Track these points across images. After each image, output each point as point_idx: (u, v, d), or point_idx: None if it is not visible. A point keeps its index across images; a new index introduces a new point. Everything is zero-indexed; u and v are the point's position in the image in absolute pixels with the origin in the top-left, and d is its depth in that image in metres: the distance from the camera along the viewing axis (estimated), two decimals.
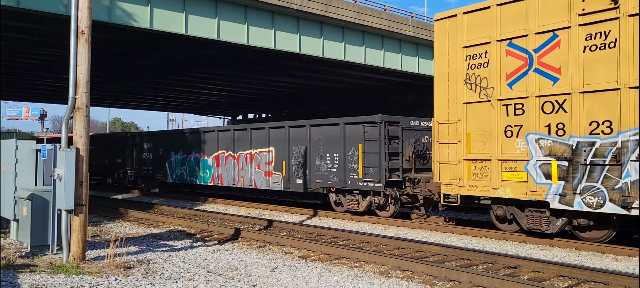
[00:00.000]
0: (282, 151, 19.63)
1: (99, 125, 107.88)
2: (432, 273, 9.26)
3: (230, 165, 22.01)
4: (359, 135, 17.13)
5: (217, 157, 22.70)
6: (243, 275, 9.32)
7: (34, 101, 62.12)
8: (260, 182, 20.60)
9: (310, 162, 18.60)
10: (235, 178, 21.70)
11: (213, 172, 22.88)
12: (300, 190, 19.03)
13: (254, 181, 20.89)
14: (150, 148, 27.33)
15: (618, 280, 8.62)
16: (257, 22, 23.34)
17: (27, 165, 11.42)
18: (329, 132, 18.17)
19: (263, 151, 20.55)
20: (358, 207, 17.22)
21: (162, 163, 26.32)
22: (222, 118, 61.80)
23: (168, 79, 35.30)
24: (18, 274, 8.67)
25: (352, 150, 17.30)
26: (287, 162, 19.39)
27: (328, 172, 18.04)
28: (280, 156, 19.71)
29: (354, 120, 17.56)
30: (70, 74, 9.48)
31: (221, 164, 22.47)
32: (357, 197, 17.28)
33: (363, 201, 17.12)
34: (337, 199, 18.11)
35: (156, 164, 26.79)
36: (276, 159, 19.92)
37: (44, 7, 18.04)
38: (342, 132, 17.62)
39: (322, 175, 18.23)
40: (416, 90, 39.59)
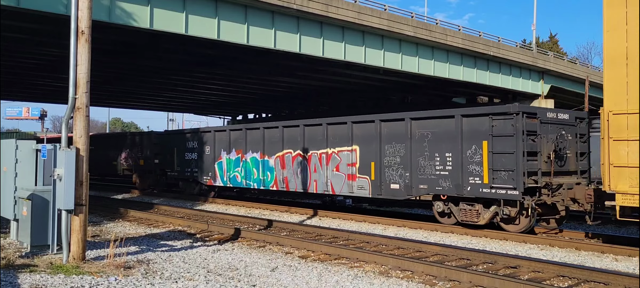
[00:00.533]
0: (370, 150, 16.67)
1: (99, 125, 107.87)
2: (432, 273, 9.26)
3: (298, 167, 19.02)
4: (482, 130, 14.06)
5: (282, 157, 19.65)
6: (243, 275, 9.32)
7: (34, 101, 62.17)
8: (339, 187, 17.69)
9: (411, 164, 15.57)
10: (306, 182, 18.71)
11: (276, 174, 19.83)
12: (396, 196, 16.10)
13: (330, 185, 17.95)
14: (194, 148, 24.24)
15: (618, 280, 8.61)
16: (257, 22, 23.32)
17: (27, 165, 11.41)
18: (437, 126, 15.14)
19: (344, 150, 17.54)
20: (477, 219, 14.21)
21: (210, 164, 23.24)
22: (222, 118, 61.79)
23: (168, 79, 35.29)
24: (18, 274, 8.67)
25: (472, 148, 14.24)
26: (378, 163, 16.40)
27: (437, 175, 14.98)
28: (368, 156, 16.76)
29: (476, 111, 14.76)
30: (70, 73, 9.48)
31: (287, 166, 19.45)
32: (477, 206, 14.25)
33: (485, 212, 14.10)
34: (445, 209, 15.09)
35: (203, 165, 23.82)
36: (362, 160, 16.96)
37: (44, 7, 18.03)
38: (457, 126, 14.52)
39: (428, 180, 15.20)
40: (416, 90, 39.61)
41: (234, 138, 22.03)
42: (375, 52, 27.99)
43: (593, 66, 51.11)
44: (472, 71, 33.24)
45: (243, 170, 21.42)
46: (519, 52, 35.79)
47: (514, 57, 34.86)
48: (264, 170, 20.44)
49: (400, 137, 15.97)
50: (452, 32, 30.63)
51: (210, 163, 23.23)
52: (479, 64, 33.66)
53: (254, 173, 20.90)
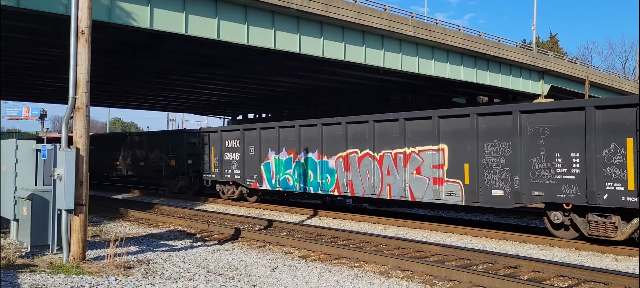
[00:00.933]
0: (463, 149, 14.20)
1: (99, 125, 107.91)
2: (432, 273, 9.26)
3: (367, 168, 16.56)
4: (626, 125, 11.52)
5: (345, 157, 17.21)
6: (243, 275, 9.32)
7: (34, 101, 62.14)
8: (420, 192, 15.17)
9: (521, 165, 13.06)
10: (376, 186, 16.25)
11: (338, 177, 17.48)
12: (500, 205, 13.49)
13: (409, 190, 15.42)
14: (236, 147, 21.78)
15: (618, 280, 8.62)
16: (257, 22, 23.33)
17: (27, 165, 11.41)
18: (558, 120, 12.57)
19: (427, 149, 15.05)
20: (614, 234, 11.79)
21: (255, 165, 20.75)
22: (222, 118, 61.86)
23: (168, 79, 35.32)
24: (18, 274, 8.67)
25: (611, 147, 11.69)
26: (474, 164, 13.95)
27: (558, 180, 12.44)
28: (459, 156, 14.28)
29: (616, 102, 12.02)
30: (70, 73, 9.48)
31: (351, 167, 17.05)
32: (613, 218, 11.80)
33: (625, 226, 11.74)
34: (565, 220, 12.67)
35: (246, 167, 21.22)
36: (452, 161, 14.47)
37: (44, 7, 18.04)
38: (590, 119, 11.95)
39: (545, 185, 12.65)
40: (416, 90, 39.64)
41: (284, 136, 19.56)
42: (376, 52, 28.00)
43: (593, 66, 51.11)
44: (472, 71, 33.25)
45: (296, 172, 18.97)
46: (519, 52, 35.80)
47: (514, 57, 34.88)
48: (322, 173, 18.00)
49: (504, 134, 13.41)
50: (452, 32, 30.64)
51: (255, 164, 20.79)
52: (479, 64, 33.67)
53: (309, 175, 18.47)
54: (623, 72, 74.71)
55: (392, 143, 15.97)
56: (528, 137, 13.03)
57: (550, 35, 69.72)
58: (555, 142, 12.56)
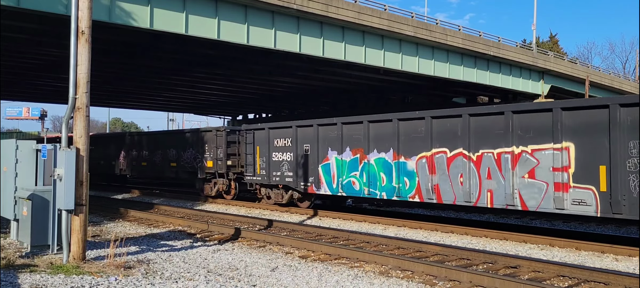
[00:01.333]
0: (597, 149, 11.69)
1: (99, 125, 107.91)
2: (432, 273, 9.26)
3: (459, 170, 14.05)
4: None
5: (430, 158, 14.73)
6: (243, 275, 9.32)
7: (34, 101, 62.19)
8: (536, 200, 12.69)
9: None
10: (472, 192, 13.80)
11: (420, 181, 15.03)
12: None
13: (519, 197, 12.99)
14: (287, 146, 19.26)
15: (618, 280, 8.61)
16: (257, 22, 23.34)
17: (28, 165, 11.41)
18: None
19: (545, 149, 12.59)
20: None
21: (312, 166, 18.35)
22: (222, 118, 61.88)
23: (168, 79, 35.33)
24: (18, 274, 8.67)
25: None
26: (613, 166, 11.39)
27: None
28: (591, 157, 11.80)
29: None
30: (71, 73, 9.48)
31: (438, 169, 14.57)
32: None
33: None
34: None
35: (301, 168, 18.84)
36: (580, 162, 11.99)
37: (44, 7, 18.04)
38: None
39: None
40: (416, 90, 39.65)
41: (348, 133, 17.20)
42: (376, 52, 28.00)
43: (593, 66, 51.12)
44: (472, 71, 33.25)
45: (364, 175, 16.49)
46: (519, 52, 35.80)
47: (514, 57, 34.89)
48: (399, 176, 15.55)
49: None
50: (452, 32, 30.64)
51: (312, 165, 18.35)
52: (479, 64, 33.67)
53: (381, 179, 16.03)
54: (623, 72, 74.77)
55: (494, 141, 13.51)
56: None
57: (551, 35, 69.75)
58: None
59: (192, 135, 25.66)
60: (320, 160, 18.11)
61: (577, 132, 12.12)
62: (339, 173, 17.44)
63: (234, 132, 23.59)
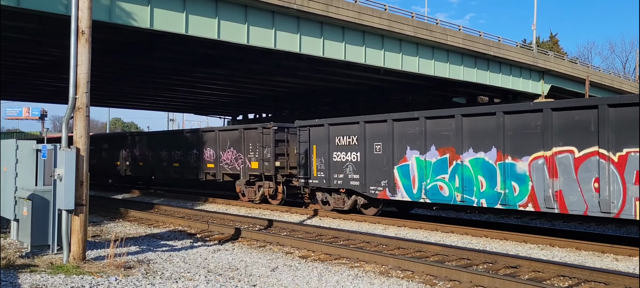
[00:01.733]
0: None
1: (99, 126, 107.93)
2: (433, 273, 9.25)
3: (592, 175, 11.78)
4: None
5: (550, 158, 12.46)
6: (243, 275, 9.32)
7: (34, 101, 62.20)
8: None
9: None
10: (614, 201, 11.49)
11: (533, 186, 12.79)
12: None
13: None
14: (352, 145, 16.94)
15: (618, 280, 8.61)
16: (257, 22, 23.33)
17: (28, 165, 11.41)
18: None
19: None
20: None
21: (386, 168, 16.05)
22: (222, 118, 61.89)
23: (168, 79, 35.33)
24: (18, 274, 8.67)
25: None
26: None
27: None
28: None
29: None
30: (71, 74, 9.48)
31: (562, 173, 12.29)
32: None
33: None
34: None
35: (370, 170, 16.49)
36: None
37: (44, 7, 18.04)
38: None
39: None
40: (416, 90, 39.66)
41: (433, 130, 14.88)
42: (376, 52, 28.00)
43: (593, 66, 51.12)
44: (473, 71, 33.26)
45: (456, 179, 14.24)
46: (519, 52, 35.81)
47: (514, 57, 34.89)
48: (505, 180, 13.30)
49: None
50: (453, 32, 30.65)
51: (385, 167, 16.07)
52: (479, 64, 33.67)
53: (480, 183, 13.77)
54: (623, 72, 74.77)
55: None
56: None
57: (551, 35, 69.75)
58: None
59: (233, 133, 22.98)
60: (395, 161, 15.78)
61: None
62: (421, 177, 15.11)
63: (283, 129, 21.04)
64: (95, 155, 31.14)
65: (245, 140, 21.94)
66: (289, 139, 20.75)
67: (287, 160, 20.62)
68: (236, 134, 22.63)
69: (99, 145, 32.12)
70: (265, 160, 20.84)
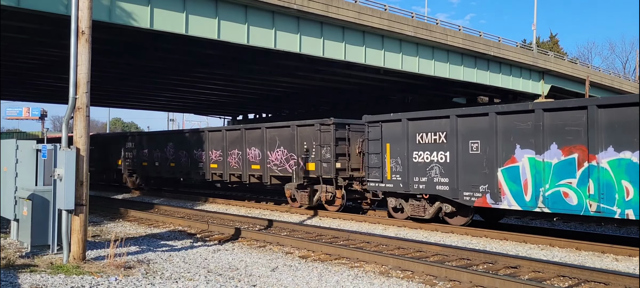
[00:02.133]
0: None
1: (99, 126, 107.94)
2: (433, 273, 9.26)
3: None
4: None
5: None
6: (243, 275, 9.32)
7: (34, 101, 62.22)
8: None
9: None
10: None
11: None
12: None
13: None
14: (439, 143, 14.62)
15: (618, 280, 8.61)
16: (257, 22, 23.33)
17: (28, 165, 11.41)
18: None
19: None
20: None
21: (486, 170, 13.62)
22: (222, 118, 61.90)
23: (168, 79, 35.33)
24: (18, 274, 8.67)
25: None
26: None
27: None
28: None
29: None
30: (71, 74, 9.48)
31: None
32: None
33: None
34: None
35: (463, 173, 14.11)
36: None
37: (44, 7, 18.04)
38: None
39: None
40: (416, 90, 39.66)
41: (553, 123, 12.53)
42: (376, 52, 28.00)
43: (593, 66, 51.14)
44: (473, 71, 33.26)
45: (591, 184, 11.81)
46: (520, 52, 35.82)
47: (514, 57, 34.90)
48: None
49: None
50: (453, 32, 30.65)
51: (485, 169, 13.65)
52: (480, 64, 33.68)
53: (625, 190, 11.35)
54: (623, 72, 74.77)
55: None
56: None
57: (551, 35, 69.76)
58: None
59: (284, 131, 20.16)
60: (500, 162, 13.43)
61: None
62: (536, 181, 12.71)
63: (343, 126, 18.49)
64: (113, 153, 30.02)
65: (298, 138, 19.39)
66: (350, 137, 18.41)
67: (348, 161, 18.30)
68: (288, 131, 19.90)
69: (122, 144, 29.71)
70: (323, 161, 18.38)
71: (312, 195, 19.06)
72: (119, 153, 29.91)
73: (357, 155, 18.20)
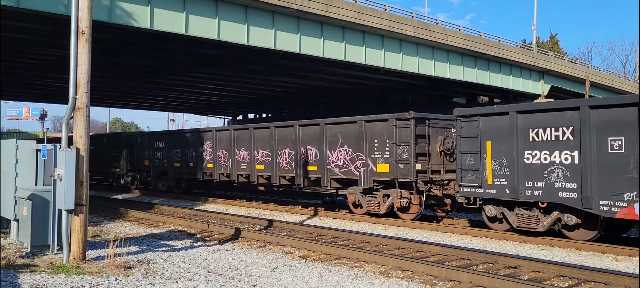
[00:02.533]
0: None
1: (99, 126, 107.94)
2: (433, 273, 9.25)
3: None
4: None
5: None
6: (243, 275, 9.32)
7: (34, 101, 62.22)
8: None
9: None
10: None
11: None
12: None
13: None
14: (562, 141, 12.31)
15: (618, 280, 8.61)
16: (257, 22, 23.33)
17: (28, 165, 11.41)
18: None
19: None
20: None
21: (635, 173, 11.22)
22: (222, 118, 61.91)
23: (168, 79, 35.33)
24: (18, 274, 8.67)
25: None
26: None
27: None
28: None
29: None
30: (71, 74, 9.48)
31: None
32: None
33: None
34: None
35: (603, 175, 11.65)
36: None
37: (44, 7, 18.04)
38: None
39: None
40: (416, 90, 39.65)
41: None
42: (376, 52, 28.00)
43: (593, 66, 51.13)
44: (473, 71, 33.26)
45: None
46: (520, 52, 35.81)
47: (514, 57, 34.90)
48: None
49: None
50: (453, 32, 30.65)
51: (632, 172, 11.23)
52: (480, 64, 33.68)
53: None
54: (623, 72, 74.78)
55: None
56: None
57: (551, 35, 69.76)
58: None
59: (350, 127, 17.53)
60: None
61: None
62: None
63: (423, 121, 16.02)
64: (138, 153, 28.01)
65: (367, 135, 16.86)
66: (430, 134, 15.97)
67: (429, 161, 15.88)
68: (353, 128, 17.34)
69: (151, 143, 27.35)
70: (400, 161, 15.82)
71: (382, 202, 16.52)
72: (146, 153, 27.55)
73: (438, 155, 15.95)
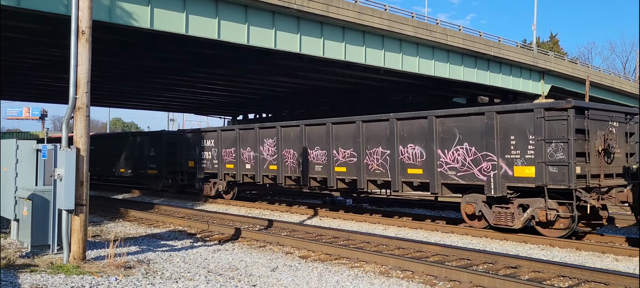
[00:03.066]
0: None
1: (100, 126, 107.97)
2: (433, 273, 9.25)
3: None
4: None
5: None
6: (243, 275, 9.32)
7: (34, 101, 62.24)
8: None
9: None
10: None
11: None
12: None
13: None
14: None
15: (618, 280, 8.61)
16: (257, 22, 23.33)
17: (28, 165, 11.41)
18: None
19: None
20: None
21: None
22: (222, 118, 61.92)
23: (168, 79, 35.34)
24: (18, 274, 8.67)
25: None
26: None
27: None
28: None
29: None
30: (71, 73, 9.48)
31: None
32: None
33: None
34: None
35: None
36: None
37: (44, 7, 18.04)
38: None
39: None
40: (416, 90, 39.65)
41: None
42: (376, 52, 28.00)
43: (593, 66, 51.13)
44: (473, 71, 33.25)
45: None
46: (520, 52, 35.81)
47: (514, 57, 34.89)
48: None
49: None
50: (453, 32, 30.65)
51: None
52: (480, 64, 33.67)
53: None
54: (624, 72, 74.80)
55: None
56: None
57: (551, 35, 69.76)
58: None
59: (470, 120, 13.98)
60: None
61: None
62: None
63: (582, 111, 12.45)
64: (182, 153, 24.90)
65: (498, 129, 13.35)
66: (589, 128, 12.43)
67: (588, 164, 12.43)
68: (479, 121, 13.76)
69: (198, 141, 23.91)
70: (550, 163, 12.43)
71: (518, 214, 13.14)
72: (190, 152, 24.43)
73: (596, 156, 12.60)
